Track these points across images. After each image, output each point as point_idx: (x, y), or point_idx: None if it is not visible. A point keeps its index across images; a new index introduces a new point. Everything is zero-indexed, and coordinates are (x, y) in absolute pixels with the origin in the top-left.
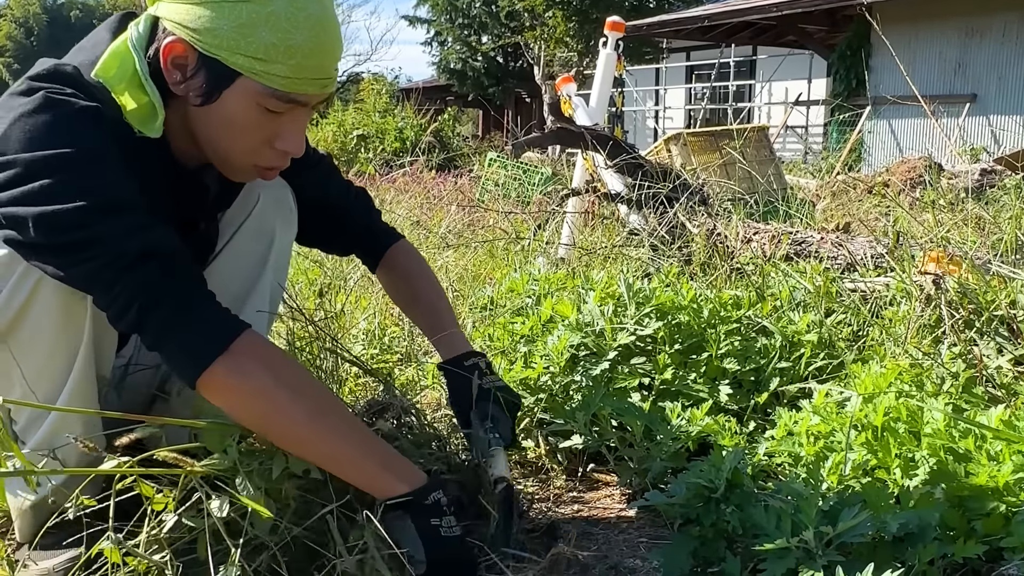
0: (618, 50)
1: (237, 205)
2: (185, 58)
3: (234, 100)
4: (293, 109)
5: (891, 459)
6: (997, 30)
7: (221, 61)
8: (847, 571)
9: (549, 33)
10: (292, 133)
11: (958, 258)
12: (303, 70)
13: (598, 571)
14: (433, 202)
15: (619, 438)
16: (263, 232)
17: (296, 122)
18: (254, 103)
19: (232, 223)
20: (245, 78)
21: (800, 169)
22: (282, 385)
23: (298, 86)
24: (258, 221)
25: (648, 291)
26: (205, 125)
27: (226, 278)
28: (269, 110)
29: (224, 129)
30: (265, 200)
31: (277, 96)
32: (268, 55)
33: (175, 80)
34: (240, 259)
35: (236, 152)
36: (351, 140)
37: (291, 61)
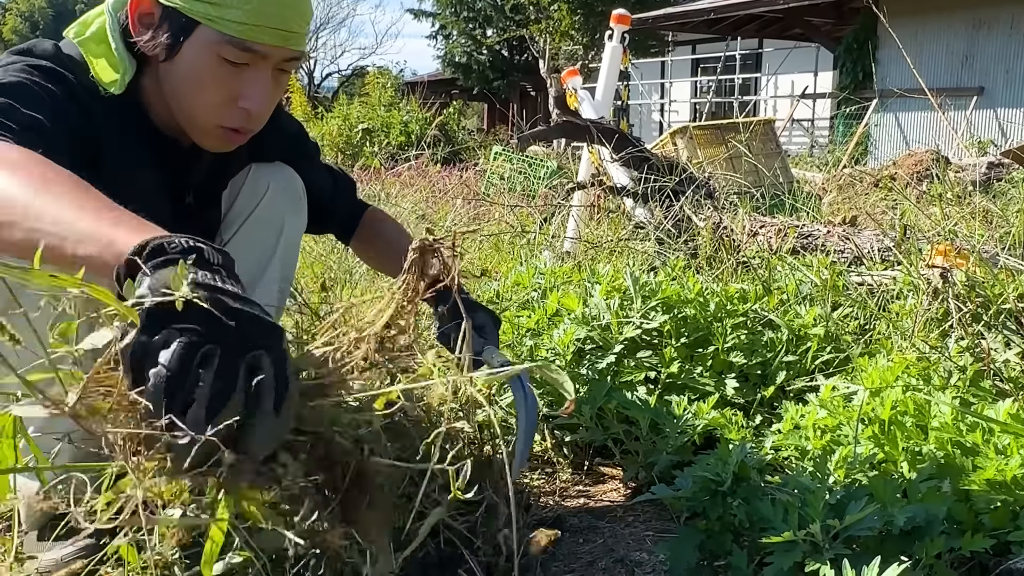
0: (624, 43)
1: (246, 193)
2: (151, 14)
3: (193, 51)
4: (255, 63)
5: (898, 453)
6: (1005, 22)
7: (179, 10)
8: (854, 564)
9: (554, 26)
10: (254, 90)
11: (966, 251)
12: (259, 16)
13: (604, 564)
14: (439, 196)
15: (625, 432)
16: (272, 221)
17: (258, 79)
18: (213, 54)
19: (241, 212)
20: (203, 27)
21: (806, 162)
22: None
23: (254, 33)
24: (267, 210)
25: (654, 284)
26: (171, 83)
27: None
28: (228, 61)
29: (186, 84)
30: (274, 189)
31: (233, 43)
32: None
33: (144, 38)
34: (249, 248)
35: (199, 109)
36: (356, 134)
37: (246, 6)
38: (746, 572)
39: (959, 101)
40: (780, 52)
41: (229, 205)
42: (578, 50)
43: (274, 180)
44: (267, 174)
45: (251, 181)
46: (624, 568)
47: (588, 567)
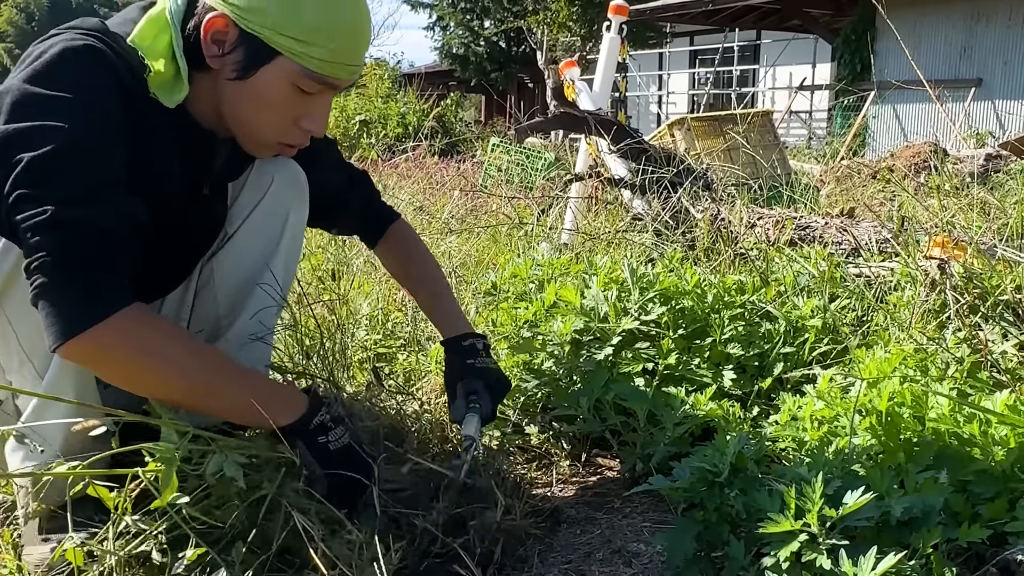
0: (622, 34)
1: (251, 186)
2: (226, 33)
3: (270, 78)
4: (323, 91)
5: (895, 444)
6: (1003, 14)
7: (262, 39)
8: (851, 555)
9: (552, 17)
10: (319, 114)
11: (963, 243)
12: (340, 54)
13: (601, 555)
14: (436, 187)
15: (622, 423)
16: (277, 213)
17: (324, 104)
18: (289, 83)
19: (247, 204)
20: (284, 58)
21: (804, 154)
22: (150, 363)
23: (334, 70)
24: (272, 202)
25: (652, 276)
26: (235, 99)
27: (241, 257)
28: (302, 90)
29: (254, 105)
30: (279, 181)
31: (313, 78)
32: (311, 37)
33: (212, 53)
34: (255, 239)
35: (263, 127)
36: (353, 125)
37: (332, 44)
38: (743, 562)
39: (957, 93)
40: (778, 43)
41: (235, 197)
42: (576, 41)
43: (278, 173)
44: (271, 167)
45: (256, 174)
46: (621, 559)
47: (585, 558)
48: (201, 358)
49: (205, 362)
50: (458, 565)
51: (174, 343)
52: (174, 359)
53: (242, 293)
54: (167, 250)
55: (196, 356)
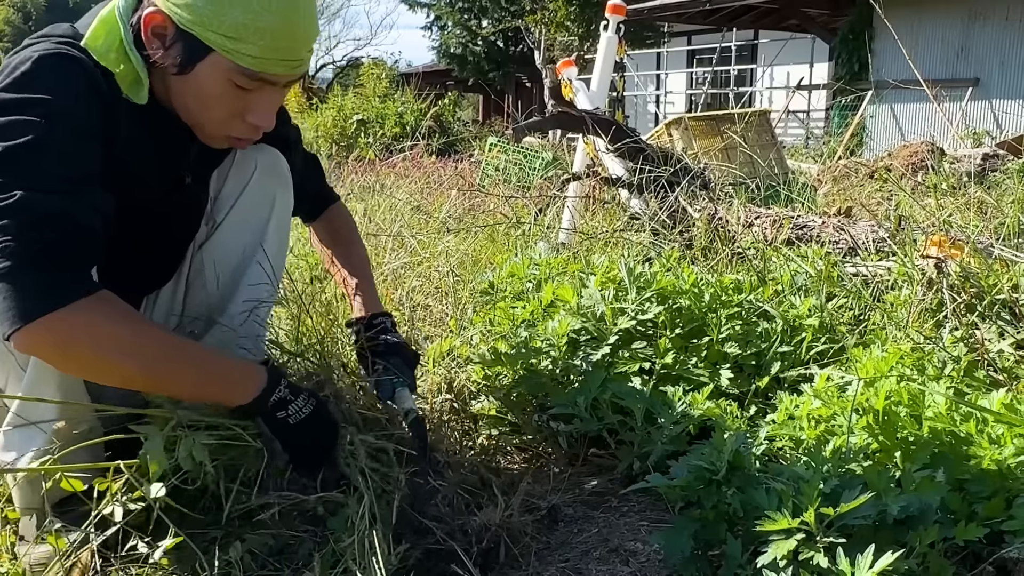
0: (619, 34)
1: (235, 174)
2: (164, 29)
3: (206, 74)
4: (262, 86)
5: (892, 442)
6: (1000, 14)
7: (195, 36)
8: (848, 553)
9: (550, 17)
10: (263, 108)
11: (960, 242)
12: (272, 51)
13: (599, 554)
14: (433, 187)
15: (620, 422)
16: (263, 199)
17: (267, 98)
18: (225, 78)
19: (232, 192)
20: (216, 54)
21: (802, 154)
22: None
23: (267, 66)
24: (257, 188)
25: (649, 275)
26: (181, 94)
27: (230, 245)
28: (239, 86)
29: (197, 100)
30: (262, 168)
31: (247, 74)
32: (238, 34)
33: (154, 48)
34: (242, 226)
35: (208, 122)
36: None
37: (260, 42)
38: (740, 561)
39: (954, 92)
40: (776, 43)
41: (219, 188)
42: (573, 41)
43: (260, 160)
44: (252, 155)
45: (238, 163)
46: (619, 558)
47: (583, 557)
48: (156, 342)
49: (159, 346)
50: (455, 564)
51: (127, 329)
52: (127, 345)
53: (233, 280)
54: (153, 241)
55: (150, 340)
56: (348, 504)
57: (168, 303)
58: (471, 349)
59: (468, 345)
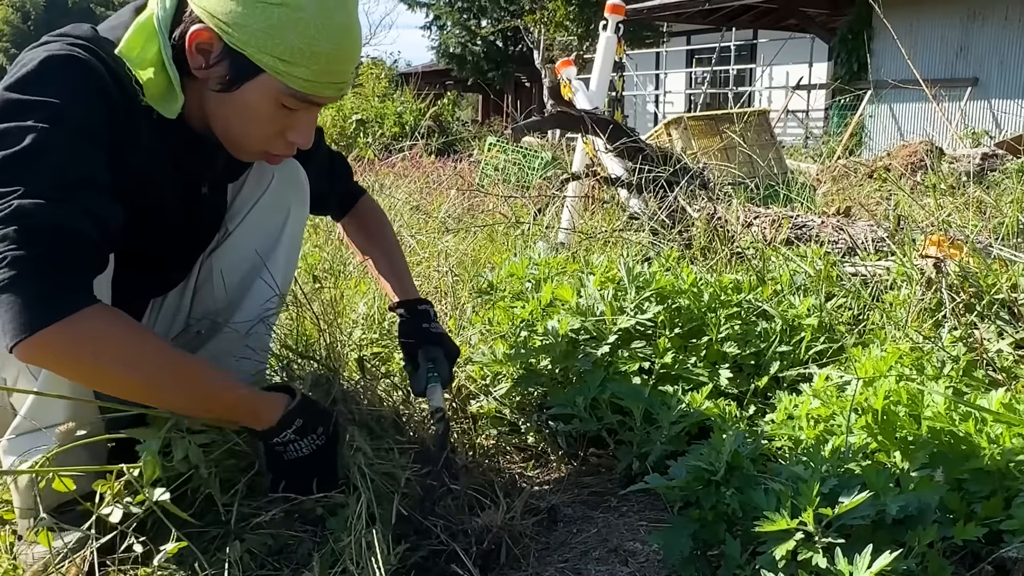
0: (618, 33)
1: (251, 182)
2: (211, 46)
3: (254, 93)
4: (309, 107)
5: (891, 442)
6: (999, 13)
7: (246, 56)
8: (847, 553)
9: (549, 17)
10: (304, 128)
11: (959, 242)
12: (324, 75)
13: (598, 554)
14: (433, 186)
15: (619, 422)
16: (278, 209)
17: (309, 119)
18: (273, 99)
19: (248, 200)
20: (267, 75)
21: (801, 153)
22: (108, 361)
23: (317, 89)
24: (273, 198)
25: (648, 275)
26: (220, 110)
27: (241, 253)
28: (286, 107)
29: (239, 117)
30: (279, 178)
31: (296, 96)
32: (293, 58)
33: (198, 65)
34: (255, 235)
35: (248, 139)
36: (350, 125)
37: (314, 66)
38: (739, 561)
39: (953, 92)
40: (775, 43)
41: (235, 194)
42: (573, 41)
43: (279, 170)
44: (270, 168)
45: (256, 171)
46: (618, 558)
47: (582, 557)
48: (159, 355)
49: (171, 366)
50: (455, 565)
51: (129, 341)
52: (130, 357)
53: (242, 287)
54: (166, 248)
55: (153, 353)
56: (347, 504)
57: (175, 307)
58: (470, 349)
59: (467, 345)
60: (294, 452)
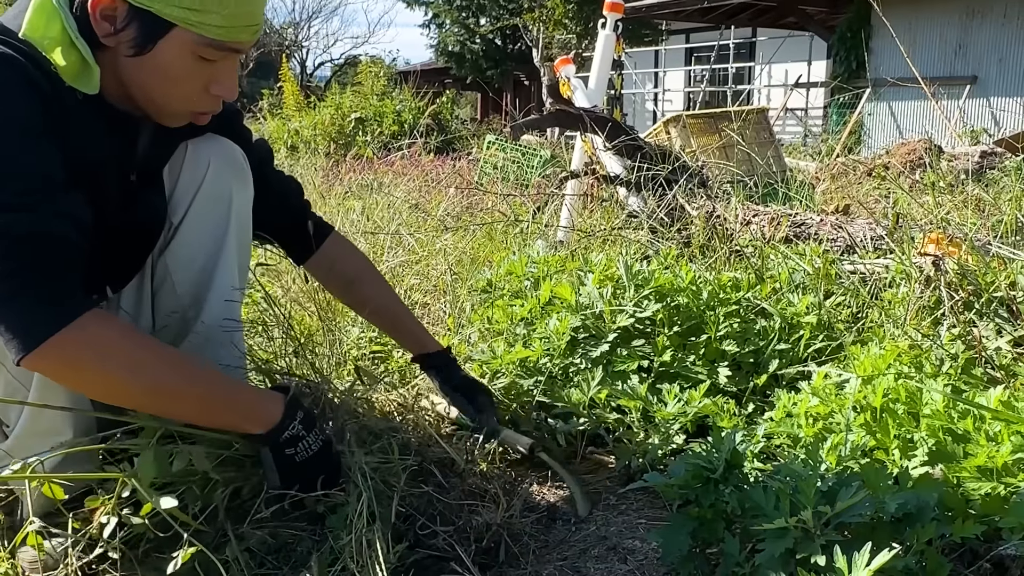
0: (617, 31)
1: (188, 173)
2: (114, 10)
3: (169, 50)
4: (227, 55)
5: (890, 440)
6: (998, 12)
7: (154, 12)
8: (845, 551)
9: (548, 15)
10: (228, 79)
11: (958, 240)
12: (236, 18)
13: (597, 552)
14: (431, 185)
15: (617, 420)
16: (220, 197)
17: (229, 68)
18: (190, 52)
19: (187, 192)
20: (180, 28)
21: (800, 151)
22: (114, 367)
23: (232, 34)
24: (212, 186)
25: (647, 273)
26: (138, 75)
27: (192, 249)
28: (204, 59)
29: (159, 79)
30: (216, 164)
31: (214, 45)
32: (203, 5)
33: (105, 32)
34: (202, 227)
35: (172, 100)
36: (349, 123)
37: (224, 10)
38: (738, 559)
39: (952, 90)
40: (774, 41)
41: (172, 187)
42: (571, 39)
43: (214, 154)
44: (205, 149)
45: (191, 159)
46: (617, 556)
47: (581, 555)
48: (171, 364)
49: (176, 369)
50: (455, 563)
51: (142, 350)
52: (133, 361)
53: (202, 282)
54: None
55: (155, 356)
56: (347, 502)
57: (134, 310)
58: (469, 347)
59: (466, 343)
60: (304, 451)
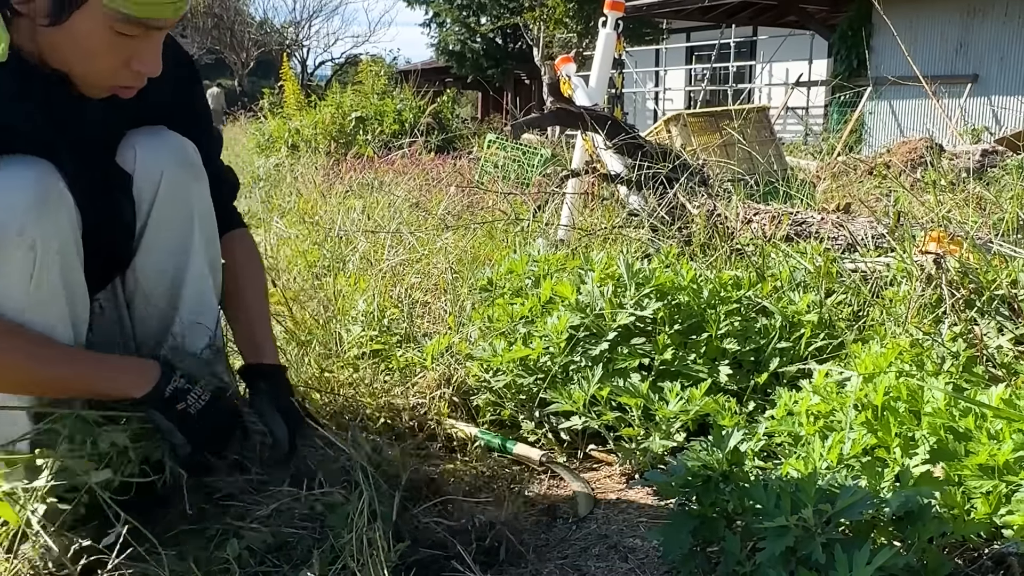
0: (618, 30)
1: (143, 178)
2: None
3: (84, 23)
4: (147, 32)
5: (891, 438)
6: (999, 10)
7: None
8: (846, 549)
9: (548, 14)
10: (149, 54)
11: (959, 238)
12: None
13: (597, 550)
14: (432, 184)
15: (618, 418)
16: (179, 196)
17: (152, 43)
18: (105, 26)
19: (145, 198)
20: (96, 1)
21: (801, 150)
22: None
23: (152, 11)
24: (170, 188)
25: (648, 272)
26: (56, 46)
27: (159, 255)
28: (122, 33)
29: (76, 51)
30: (169, 166)
31: (130, 21)
32: None
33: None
34: (166, 232)
35: (90, 73)
36: (349, 122)
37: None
38: (739, 557)
39: (953, 89)
40: (775, 40)
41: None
42: (572, 38)
43: (166, 165)
44: (156, 159)
45: (142, 166)
46: (617, 554)
47: (582, 553)
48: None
49: (49, 353)
50: (456, 561)
51: (14, 340)
52: (18, 355)
53: (175, 285)
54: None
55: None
56: (348, 501)
57: (115, 325)
58: (470, 346)
59: (467, 341)
60: (196, 402)
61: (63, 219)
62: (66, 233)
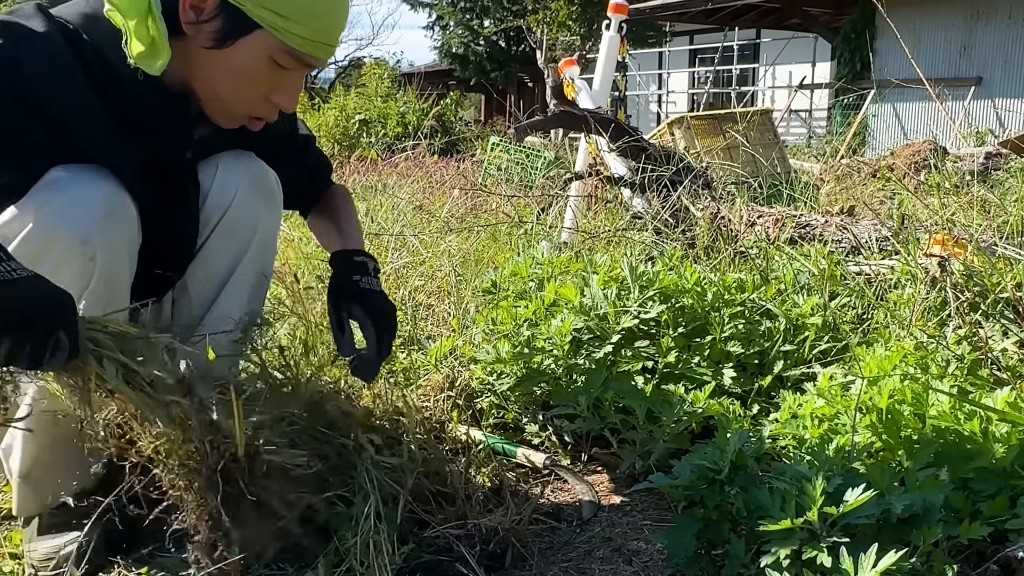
0: (621, 33)
1: (216, 194)
2: (205, 1)
3: (247, 50)
4: (299, 68)
5: (896, 441)
6: (1003, 12)
7: (244, 11)
8: (851, 552)
9: (552, 16)
10: (291, 89)
11: (963, 240)
12: (321, 34)
13: (602, 553)
14: (436, 186)
15: (622, 421)
16: (244, 223)
17: (296, 80)
18: (266, 56)
19: (210, 219)
20: (264, 31)
21: (804, 153)
22: None
23: (314, 48)
24: (241, 210)
25: (651, 274)
26: (208, 68)
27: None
28: (279, 65)
29: (228, 76)
30: (242, 194)
31: (292, 54)
32: (294, 14)
33: (189, 20)
34: (221, 255)
35: (235, 100)
36: (353, 124)
37: (314, 24)
38: (743, 560)
39: (957, 91)
40: (778, 42)
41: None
42: (575, 40)
43: (242, 184)
44: (235, 178)
45: (217, 188)
46: (622, 557)
47: (586, 556)
48: None
49: None
50: (460, 564)
51: None
52: None
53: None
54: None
55: None
56: (353, 503)
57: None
58: (473, 348)
59: (470, 344)
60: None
61: (125, 233)
62: (124, 247)
